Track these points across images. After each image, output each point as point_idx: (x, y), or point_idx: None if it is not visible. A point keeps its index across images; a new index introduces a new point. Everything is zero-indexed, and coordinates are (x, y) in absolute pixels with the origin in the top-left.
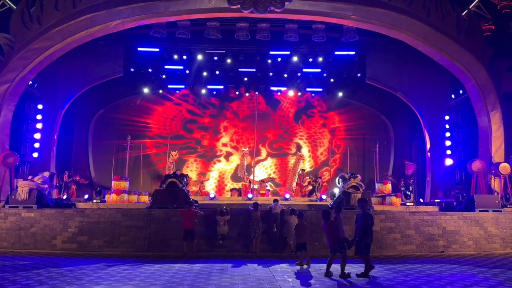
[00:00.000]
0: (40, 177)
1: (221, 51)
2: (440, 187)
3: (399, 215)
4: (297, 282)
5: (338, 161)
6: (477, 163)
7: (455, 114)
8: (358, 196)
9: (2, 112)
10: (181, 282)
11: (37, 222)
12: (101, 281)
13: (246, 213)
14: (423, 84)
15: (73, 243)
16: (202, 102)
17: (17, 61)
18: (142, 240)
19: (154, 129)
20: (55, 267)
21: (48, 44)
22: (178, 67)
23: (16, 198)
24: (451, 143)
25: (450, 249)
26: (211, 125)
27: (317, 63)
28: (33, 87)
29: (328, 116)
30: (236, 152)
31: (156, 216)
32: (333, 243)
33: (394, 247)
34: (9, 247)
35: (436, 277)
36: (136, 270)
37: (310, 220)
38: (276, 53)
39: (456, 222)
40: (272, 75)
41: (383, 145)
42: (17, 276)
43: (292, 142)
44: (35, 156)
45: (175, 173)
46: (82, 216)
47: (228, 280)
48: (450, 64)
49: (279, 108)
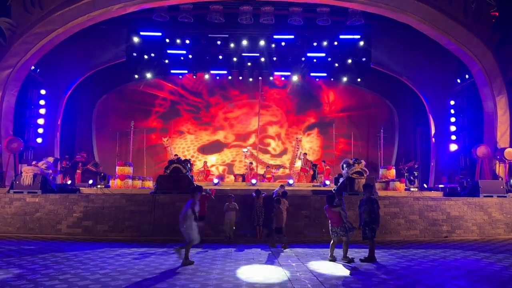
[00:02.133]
0: (44, 163)
1: (224, 35)
2: (444, 172)
3: (403, 201)
4: (301, 266)
5: (342, 147)
6: (482, 148)
7: (461, 99)
8: (362, 181)
9: (5, 97)
10: (185, 266)
11: (41, 207)
12: (106, 266)
13: (250, 199)
14: (428, 69)
15: (78, 228)
16: (205, 87)
17: (19, 46)
18: (147, 225)
19: (157, 114)
20: (61, 252)
21: (50, 29)
22: (180, 51)
23: (20, 184)
24: (456, 128)
25: (454, 234)
26: (214, 110)
27: (322, 47)
28: (36, 72)
29: (332, 101)
30: (239, 140)
31: (160, 201)
32: (336, 227)
33: (398, 232)
34: (14, 232)
35: (440, 262)
36: (142, 254)
37: (314, 206)
38: (280, 37)
39: (460, 208)
40: (276, 59)
41: (387, 130)
42: (23, 261)
43: (296, 127)
44: (39, 141)
45: (179, 159)
46: (87, 201)
47: (232, 264)
48: (457, 48)
49: (283, 92)
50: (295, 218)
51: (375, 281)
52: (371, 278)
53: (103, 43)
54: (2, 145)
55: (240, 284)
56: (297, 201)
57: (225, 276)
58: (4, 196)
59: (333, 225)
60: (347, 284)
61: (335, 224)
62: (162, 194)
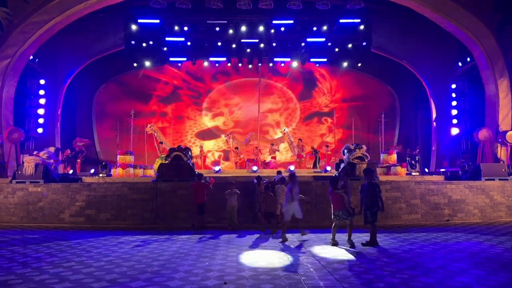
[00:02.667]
0: (46, 152)
1: (223, 21)
2: (445, 156)
3: (404, 185)
4: (303, 251)
5: (342, 132)
6: (483, 131)
7: (462, 83)
8: (363, 166)
9: (4, 88)
10: (188, 252)
11: (44, 196)
12: (109, 253)
13: (251, 186)
14: (429, 53)
15: (81, 217)
16: (207, 72)
17: (17, 35)
18: (149, 212)
19: (158, 99)
20: (64, 240)
21: (47, 18)
22: (179, 39)
23: (22, 174)
24: (458, 112)
25: (455, 218)
26: (215, 95)
27: (321, 32)
28: (34, 62)
29: (332, 87)
30: (238, 127)
31: (162, 189)
32: (339, 210)
33: (399, 216)
34: (18, 222)
35: (442, 245)
36: (144, 241)
37: (315, 191)
38: (279, 22)
39: (462, 191)
40: (276, 45)
41: (388, 115)
42: (27, 249)
43: (296, 113)
44: (39, 131)
45: (180, 147)
46: (89, 190)
47: (234, 250)
48: (458, 30)
49: (283, 79)
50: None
51: (377, 264)
52: (373, 262)
53: (101, 31)
54: (3, 136)
55: (243, 269)
56: (299, 187)
57: (228, 262)
58: (7, 186)
59: (335, 208)
60: (350, 268)
61: (338, 207)
62: (163, 182)
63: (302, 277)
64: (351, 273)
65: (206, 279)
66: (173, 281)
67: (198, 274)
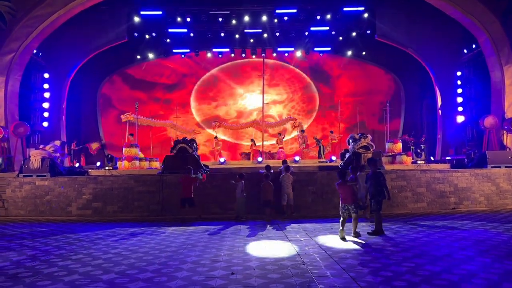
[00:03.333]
0: (51, 146)
1: (226, 12)
2: (451, 144)
3: (410, 174)
4: (309, 241)
5: (347, 121)
6: (489, 119)
7: (467, 70)
8: (369, 156)
9: (9, 82)
10: (195, 244)
11: (51, 190)
12: (117, 245)
13: (256, 177)
14: (434, 40)
15: (88, 210)
16: (208, 64)
17: (20, 29)
18: (156, 204)
19: (161, 95)
20: (72, 233)
21: (50, 11)
22: (182, 30)
23: (29, 167)
24: (463, 99)
25: (461, 205)
26: (218, 88)
27: (325, 20)
28: (38, 56)
29: (337, 76)
30: (240, 117)
31: (168, 181)
32: (348, 204)
33: (405, 205)
34: (26, 215)
35: (448, 233)
36: (151, 233)
37: (320, 181)
38: (282, 11)
39: (468, 179)
40: (279, 35)
41: (393, 104)
42: (35, 243)
43: (300, 104)
44: (45, 125)
45: (185, 139)
46: (95, 183)
47: (241, 241)
48: (463, 17)
49: (287, 69)
50: (302, 194)
51: (384, 253)
52: (379, 251)
53: (104, 24)
54: (9, 130)
55: (250, 259)
56: (304, 178)
57: (235, 252)
58: (14, 180)
59: (344, 201)
60: (356, 257)
61: (348, 201)
62: (169, 174)
63: (309, 267)
64: (357, 262)
65: (214, 270)
66: (181, 272)
67: (205, 264)
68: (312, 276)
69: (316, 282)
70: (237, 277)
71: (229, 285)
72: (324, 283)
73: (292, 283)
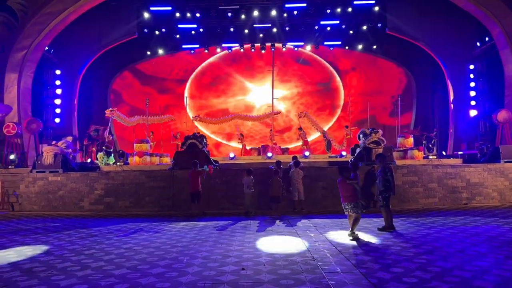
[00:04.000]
0: (64, 142)
1: (235, 7)
2: (463, 139)
3: (421, 169)
4: (320, 236)
5: (358, 116)
6: (503, 113)
7: (480, 63)
8: (380, 151)
9: (22, 79)
10: (206, 239)
11: (64, 185)
12: (129, 240)
13: (266, 172)
14: (446, 33)
15: (100, 205)
16: (218, 60)
17: (32, 26)
18: (166, 200)
19: (172, 90)
20: (85, 228)
21: (61, 8)
22: (191, 25)
23: (42, 163)
24: (476, 93)
25: (474, 201)
26: (229, 83)
27: (335, 14)
28: (50, 52)
29: (347, 70)
30: (248, 111)
31: (178, 177)
32: (348, 202)
33: (416, 200)
34: (39, 210)
35: (460, 229)
36: (163, 228)
37: (330, 177)
38: (291, 5)
39: (481, 174)
40: (288, 29)
41: (405, 98)
42: (49, 237)
43: (309, 99)
44: (57, 121)
45: (195, 135)
46: (107, 178)
47: (251, 236)
48: (476, 9)
49: (296, 64)
50: (312, 189)
51: (394, 249)
52: (390, 247)
53: (114, 20)
54: (22, 126)
55: (260, 255)
56: (314, 173)
57: (245, 248)
58: (28, 176)
59: (344, 200)
60: (367, 253)
61: (347, 200)
62: (179, 170)
63: (319, 263)
64: (368, 258)
65: (224, 265)
66: (192, 267)
67: (216, 260)
68: (322, 272)
69: (327, 278)
70: (248, 273)
71: (239, 280)
72: (335, 279)
73: (302, 279)
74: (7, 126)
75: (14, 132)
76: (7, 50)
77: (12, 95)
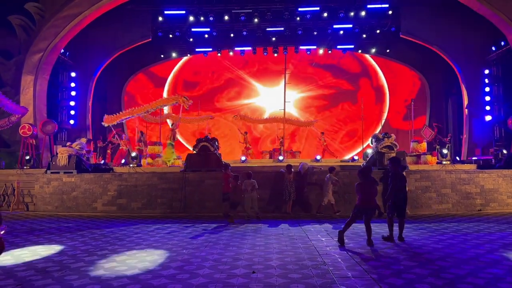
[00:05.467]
0: (78, 143)
1: (248, 10)
2: (478, 144)
3: (434, 174)
4: (331, 241)
5: (370, 120)
6: None
7: (496, 68)
8: (392, 156)
9: (38, 81)
10: (217, 241)
11: (77, 186)
12: (141, 242)
13: (278, 175)
14: (461, 37)
15: (113, 206)
16: (231, 61)
17: (48, 29)
18: (178, 202)
19: (185, 92)
20: (97, 229)
21: (77, 11)
22: (204, 29)
23: (56, 164)
24: (491, 98)
25: (488, 207)
26: (240, 86)
27: (349, 18)
28: (65, 55)
29: (360, 73)
30: (257, 113)
31: (190, 179)
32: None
33: (429, 206)
34: (53, 210)
35: (473, 236)
36: (174, 230)
37: (342, 180)
38: (305, 9)
39: (495, 180)
40: (301, 33)
41: (418, 102)
42: (63, 238)
43: (322, 102)
44: (71, 123)
45: (207, 137)
46: (120, 180)
47: (262, 239)
48: (491, 14)
49: (309, 67)
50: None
51: (407, 254)
52: (402, 252)
53: (128, 23)
54: (37, 128)
55: (270, 258)
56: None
57: (256, 250)
58: (42, 177)
59: (365, 204)
60: (378, 258)
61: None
62: (191, 172)
63: (330, 267)
64: (379, 264)
65: (235, 268)
66: (203, 269)
67: (226, 262)
68: (333, 277)
69: (338, 283)
70: (258, 276)
71: (250, 283)
72: (346, 284)
73: (313, 283)
74: (23, 127)
75: (29, 133)
76: (24, 53)
77: (28, 96)
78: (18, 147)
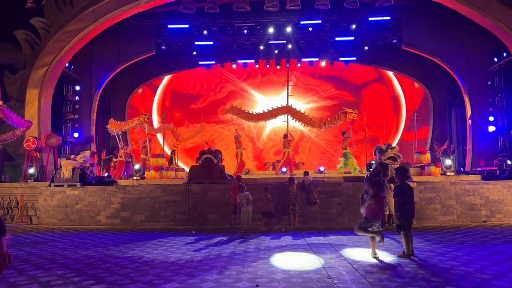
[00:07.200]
0: (82, 156)
1: (251, 24)
2: (482, 155)
3: (439, 185)
4: (335, 254)
5: (373, 131)
6: None
7: (499, 79)
8: (396, 167)
9: (42, 94)
10: (220, 254)
11: (81, 199)
12: (144, 255)
13: (282, 187)
14: (463, 48)
15: (116, 219)
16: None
17: (53, 44)
18: (181, 214)
19: (187, 105)
20: (101, 242)
21: (82, 26)
22: (207, 42)
23: (60, 177)
24: (494, 109)
25: (493, 218)
26: (243, 98)
27: (350, 30)
28: (70, 69)
29: (362, 85)
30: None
31: (193, 191)
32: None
33: (434, 217)
34: (57, 224)
35: (479, 248)
36: (177, 243)
37: (346, 193)
38: (307, 22)
39: (500, 191)
40: (303, 45)
41: (421, 113)
42: (66, 251)
43: (325, 112)
44: (75, 136)
45: (210, 149)
46: (124, 192)
47: (266, 252)
48: (493, 25)
49: (310, 79)
50: (327, 205)
51: (411, 267)
52: (407, 265)
53: (132, 37)
54: (41, 141)
55: (274, 271)
56: (329, 188)
57: (260, 264)
58: (46, 190)
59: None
60: (383, 271)
61: (378, 217)
62: (195, 184)
63: (335, 280)
64: (384, 277)
65: (239, 281)
66: (206, 282)
67: (230, 276)
68: None
69: None
70: None
71: None
72: None
73: None
74: (27, 141)
75: (34, 146)
76: (29, 67)
77: (33, 110)
78: (22, 160)
